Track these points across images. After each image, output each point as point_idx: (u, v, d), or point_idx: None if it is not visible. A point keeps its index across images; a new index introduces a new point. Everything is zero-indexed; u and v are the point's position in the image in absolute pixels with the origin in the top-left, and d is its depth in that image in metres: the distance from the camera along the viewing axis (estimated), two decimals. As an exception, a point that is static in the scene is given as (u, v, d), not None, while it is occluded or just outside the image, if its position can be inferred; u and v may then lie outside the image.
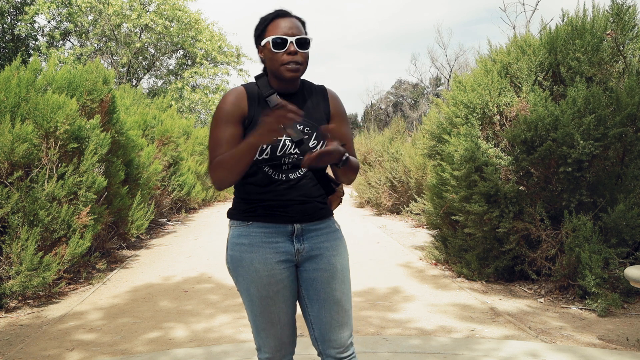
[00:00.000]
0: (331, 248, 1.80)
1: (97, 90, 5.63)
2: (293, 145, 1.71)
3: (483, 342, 3.37)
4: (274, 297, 1.75)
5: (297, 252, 1.77)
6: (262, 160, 1.71)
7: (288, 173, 1.74)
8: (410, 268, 5.67)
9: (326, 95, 1.84)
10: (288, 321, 1.80)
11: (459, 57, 39.14)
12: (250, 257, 1.74)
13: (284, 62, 1.69)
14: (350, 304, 1.83)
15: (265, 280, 1.74)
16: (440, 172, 5.38)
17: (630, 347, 3.32)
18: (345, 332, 1.80)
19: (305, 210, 1.76)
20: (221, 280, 5.17)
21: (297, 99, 1.78)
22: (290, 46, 1.68)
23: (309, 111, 1.78)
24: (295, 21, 1.73)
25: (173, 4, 18.17)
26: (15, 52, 14.85)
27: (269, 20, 1.73)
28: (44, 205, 4.47)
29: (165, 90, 19.87)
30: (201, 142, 12.73)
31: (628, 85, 4.28)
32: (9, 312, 4.19)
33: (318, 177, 1.81)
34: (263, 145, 1.66)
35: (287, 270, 1.77)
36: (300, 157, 1.71)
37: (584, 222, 4.14)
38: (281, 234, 1.75)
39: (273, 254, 1.74)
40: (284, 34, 1.68)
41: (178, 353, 3.23)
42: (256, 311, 1.77)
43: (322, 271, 1.78)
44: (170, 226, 9.27)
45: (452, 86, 5.77)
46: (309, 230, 1.78)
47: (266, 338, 1.80)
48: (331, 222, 1.85)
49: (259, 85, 1.77)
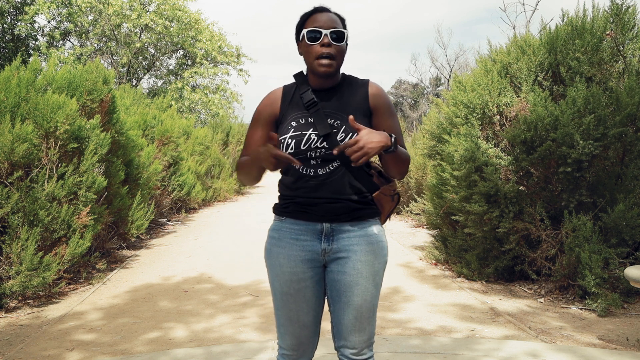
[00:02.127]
0: (360, 252, 1.73)
1: (97, 90, 5.62)
2: (320, 139, 1.69)
3: (483, 342, 3.37)
4: (294, 295, 1.75)
5: (324, 251, 1.74)
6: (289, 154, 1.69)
7: (317, 168, 1.71)
8: (410, 268, 5.67)
9: (367, 89, 1.78)
10: (308, 322, 1.78)
11: (459, 57, 39.12)
12: (277, 252, 1.76)
13: (317, 55, 1.69)
14: (372, 312, 1.77)
15: (287, 277, 1.74)
16: (440, 172, 5.38)
17: (630, 347, 3.32)
18: (362, 337, 1.76)
19: (335, 210, 1.72)
20: (221, 280, 5.17)
21: (334, 93, 1.77)
22: (324, 38, 1.69)
23: (342, 105, 1.74)
24: (333, 16, 1.74)
25: (173, 4, 18.17)
26: (15, 52, 14.84)
27: (307, 16, 1.75)
28: (44, 205, 4.47)
29: (165, 90, 19.86)
30: (201, 142, 12.72)
31: (628, 85, 4.28)
32: (9, 312, 4.19)
33: (355, 174, 1.73)
34: (288, 139, 1.70)
35: (311, 270, 1.75)
36: (329, 151, 1.69)
37: (584, 222, 4.14)
38: (310, 232, 1.74)
39: (299, 251, 1.74)
40: (319, 26, 1.70)
41: (178, 353, 3.23)
42: (278, 305, 1.79)
43: (346, 275, 1.73)
44: (170, 226, 9.27)
45: (452, 86, 5.77)
46: (340, 231, 1.74)
47: (285, 334, 1.80)
48: (368, 225, 1.77)
49: (297, 83, 1.80)
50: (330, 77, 1.74)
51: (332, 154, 1.67)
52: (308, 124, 1.71)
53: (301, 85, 1.78)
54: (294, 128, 1.72)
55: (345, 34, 1.72)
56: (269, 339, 3.48)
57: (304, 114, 1.73)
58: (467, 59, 34.69)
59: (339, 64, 1.73)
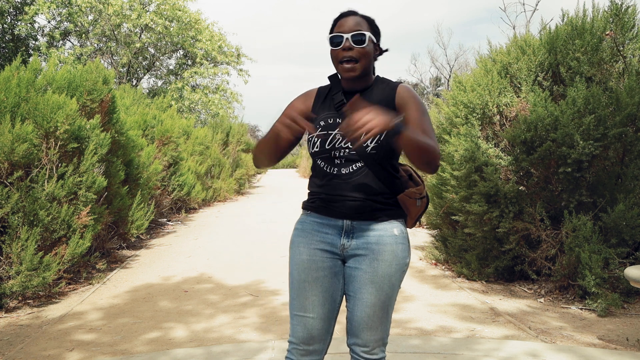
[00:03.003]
0: (377, 252, 1.75)
1: (97, 90, 5.62)
2: (344, 139, 1.72)
3: (483, 342, 3.37)
4: (312, 282, 1.77)
5: (343, 247, 1.78)
6: (314, 153, 1.78)
7: (340, 167, 1.75)
8: (410, 268, 5.67)
9: (395, 90, 1.80)
10: (322, 315, 1.78)
11: (459, 57, 39.11)
12: (299, 241, 1.82)
13: (340, 59, 1.74)
14: (385, 312, 1.77)
15: (305, 264, 1.78)
16: (440, 172, 5.38)
17: (630, 347, 3.32)
18: (373, 335, 1.77)
19: (356, 208, 1.75)
20: (221, 280, 5.17)
21: (364, 95, 1.79)
22: (345, 42, 1.73)
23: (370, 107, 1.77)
24: (358, 19, 1.77)
25: (173, 4, 18.16)
26: (15, 52, 14.84)
27: (335, 21, 1.80)
28: (44, 205, 4.47)
29: (165, 90, 19.86)
30: (201, 142, 12.72)
31: (628, 85, 4.28)
32: (9, 312, 4.19)
33: (378, 174, 1.75)
34: (314, 138, 1.76)
35: (329, 260, 1.78)
36: (353, 152, 1.72)
37: (583, 222, 4.14)
38: (332, 227, 1.78)
39: (318, 242, 1.78)
40: (342, 31, 1.74)
41: (178, 353, 3.23)
42: (293, 294, 1.81)
43: (362, 272, 1.76)
44: (170, 226, 9.27)
45: (452, 86, 5.77)
46: (361, 229, 1.77)
47: (297, 325, 1.80)
48: (390, 226, 1.78)
49: (331, 84, 1.86)
50: (357, 80, 1.78)
51: (355, 154, 1.72)
52: (335, 124, 1.76)
53: (334, 87, 1.84)
54: (321, 127, 1.77)
55: (367, 36, 1.74)
56: (269, 339, 3.48)
57: (333, 114, 1.79)
58: (467, 59, 34.68)
59: (363, 65, 1.75)
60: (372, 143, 1.71)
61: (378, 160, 1.74)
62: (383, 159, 1.75)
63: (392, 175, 1.79)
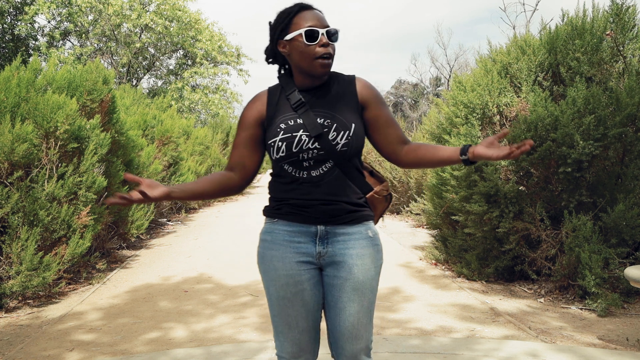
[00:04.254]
0: (356, 256, 1.68)
1: (97, 90, 5.62)
2: (312, 139, 1.64)
3: (483, 342, 3.37)
4: (292, 299, 1.69)
5: (319, 254, 1.69)
6: (280, 158, 1.66)
7: (310, 170, 1.66)
8: (410, 268, 5.67)
9: (354, 84, 1.73)
10: (308, 327, 1.72)
11: (459, 57, 39.14)
12: (271, 255, 1.71)
13: (317, 55, 1.64)
14: (369, 318, 1.72)
15: (283, 280, 1.69)
16: (440, 172, 5.38)
17: (630, 347, 3.32)
18: (358, 345, 1.71)
19: (330, 212, 1.67)
20: (221, 281, 5.17)
21: (321, 92, 1.72)
22: (322, 38, 1.64)
23: (331, 103, 1.70)
24: (320, 13, 1.70)
25: (173, 4, 18.17)
26: (15, 52, 14.84)
27: (293, 14, 1.67)
28: (44, 205, 4.47)
29: (165, 90, 19.86)
30: (201, 142, 12.73)
31: (628, 85, 4.28)
32: (9, 312, 4.19)
33: (349, 174, 1.69)
34: (278, 142, 1.65)
35: (307, 273, 1.70)
36: (322, 152, 1.64)
37: (583, 222, 4.14)
38: (304, 234, 1.69)
39: (293, 253, 1.69)
40: (314, 25, 1.64)
41: (178, 353, 3.23)
42: (274, 312, 1.73)
43: (342, 279, 1.69)
44: (170, 226, 9.27)
45: (452, 86, 5.77)
46: (335, 234, 1.69)
47: (284, 341, 1.73)
48: (364, 228, 1.72)
49: (282, 84, 1.75)
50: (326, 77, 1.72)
51: (324, 154, 1.64)
52: (298, 125, 1.66)
53: (286, 86, 1.73)
54: (283, 130, 1.66)
55: (338, 31, 1.69)
56: (269, 339, 3.47)
57: (293, 115, 1.68)
58: (467, 59, 34.70)
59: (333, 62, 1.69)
60: (342, 140, 1.64)
61: (348, 157, 1.67)
62: (353, 157, 1.68)
63: (361, 173, 1.74)
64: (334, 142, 1.64)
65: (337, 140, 1.64)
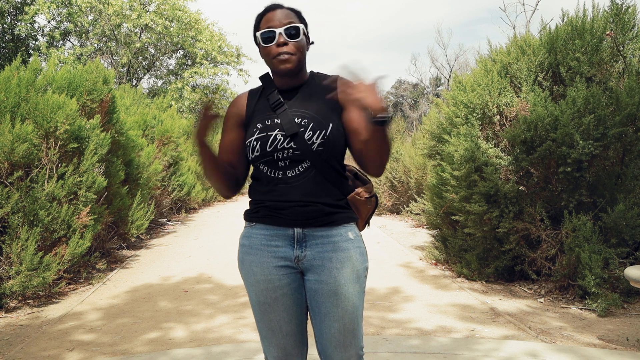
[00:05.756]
0: (336, 260, 1.62)
1: (97, 90, 5.63)
2: (287, 139, 1.60)
3: (483, 342, 3.37)
4: (272, 304, 1.65)
5: (297, 258, 1.63)
6: (255, 158, 1.63)
7: (286, 170, 1.61)
8: (410, 268, 5.67)
9: (336, 84, 1.68)
10: (292, 331, 1.68)
11: (459, 57, 39.12)
12: (250, 260, 1.67)
13: (274, 55, 1.62)
14: (356, 323, 1.65)
15: (262, 286, 1.65)
16: (440, 172, 5.38)
17: (630, 347, 3.32)
18: (347, 352, 1.65)
19: (307, 214, 1.61)
20: (221, 281, 5.17)
21: (301, 91, 1.69)
22: (279, 37, 1.61)
23: (309, 103, 1.66)
24: (287, 11, 1.65)
25: (173, 4, 18.17)
26: (15, 52, 14.84)
27: (260, 16, 1.67)
28: (44, 205, 4.47)
29: (165, 90, 19.87)
30: (201, 142, 12.73)
31: (628, 85, 4.28)
32: (9, 312, 4.19)
33: (327, 175, 1.63)
34: (253, 142, 1.63)
35: (287, 277, 1.65)
36: (297, 152, 1.59)
37: (583, 222, 4.14)
38: (281, 237, 1.64)
39: (271, 258, 1.64)
40: (272, 26, 1.61)
41: (178, 353, 3.23)
42: (257, 317, 1.69)
43: (323, 284, 1.62)
44: (170, 226, 9.27)
45: (452, 86, 5.77)
46: (313, 237, 1.63)
47: (269, 346, 1.70)
48: (344, 230, 1.65)
49: (263, 85, 1.74)
50: (293, 75, 1.66)
51: (300, 154, 1.60)
52: (274, 125, 1.63)
53: (267, 87, 1.71)
54: (259, 130, 1.64)
55: (301, 28, 1.63)
56: (269, 339, 3.47)
57: (271, 115, 1.66)
58: (467, 59, 34.71)
59: (299, 59, 1.64)
60: (318, 139, 1.59)
61: (325, 158, 1.61)
62: (330, 157, 1.62)
63: (340, 174, 1.67)
64: (309, 142, 1.59)
65: (313, 140, 1.59)
